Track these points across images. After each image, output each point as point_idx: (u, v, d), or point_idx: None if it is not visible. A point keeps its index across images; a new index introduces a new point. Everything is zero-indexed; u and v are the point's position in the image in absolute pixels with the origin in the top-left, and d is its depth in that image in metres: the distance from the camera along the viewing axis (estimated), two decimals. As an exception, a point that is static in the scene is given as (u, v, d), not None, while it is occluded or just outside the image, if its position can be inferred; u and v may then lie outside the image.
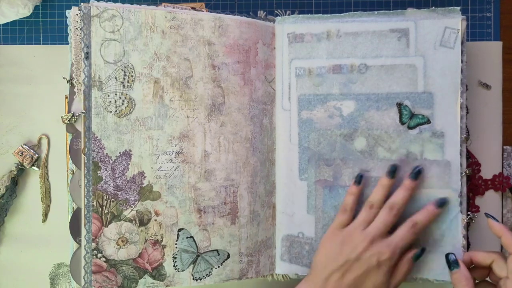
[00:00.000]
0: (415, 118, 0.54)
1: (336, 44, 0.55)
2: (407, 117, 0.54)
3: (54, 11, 0.63)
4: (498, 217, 0.61)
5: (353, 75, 0.55)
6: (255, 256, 0.56)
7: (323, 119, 0.56)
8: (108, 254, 0.52)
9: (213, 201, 0.54)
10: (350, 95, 0.55)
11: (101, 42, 0.52)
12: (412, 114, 0.54)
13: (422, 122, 0.54)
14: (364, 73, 0.55)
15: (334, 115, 0.55)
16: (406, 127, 0.54)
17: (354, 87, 0.55)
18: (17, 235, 0.61)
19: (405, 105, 0.54)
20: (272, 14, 0.58)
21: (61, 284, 0.61)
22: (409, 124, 0.54)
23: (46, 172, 0.61)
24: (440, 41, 0.54)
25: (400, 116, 0.54)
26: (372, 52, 0.55)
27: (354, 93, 0.55)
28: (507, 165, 0.61)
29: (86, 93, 0.52)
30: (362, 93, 0.55)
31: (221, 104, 0.54)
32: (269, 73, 0.57)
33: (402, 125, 0.54)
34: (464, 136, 0.55)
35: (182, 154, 0.53)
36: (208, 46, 0.54)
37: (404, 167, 0.54)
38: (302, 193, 0.56)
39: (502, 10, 0.62)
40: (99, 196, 0.52)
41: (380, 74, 0.55)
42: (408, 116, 0.54)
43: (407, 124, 0.54)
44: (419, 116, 0.54)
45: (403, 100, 0.54)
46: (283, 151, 0.57)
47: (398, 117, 0.54)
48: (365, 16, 0.55)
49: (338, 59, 0.55)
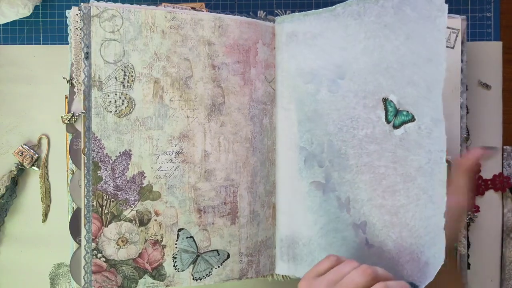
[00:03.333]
0: (399, 115, 0.49)
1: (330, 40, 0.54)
2: (392, 114, 0.49)
3: (54, 11, 0.63)
4: (498, 217, 0.61)
5: (342, 69, 0.52)
6: (255, 256, 0.56)
7: (315, 117, 0.54)
8: (108, 254, 0.52)
9: (213, 201, 0.54)
10: (337, 91, 0.52)
11: (101, 42, 0.52)
12: (397, 110, 0.49)
13: (406, 120, 0.48)
14: (355, 67, 0.52)
15: (323, 114, 0.54)
16: (392, 126, 0.49)
17: (342, 83, 0.52)
18: (17, 235, 0.61)
19: (390, 101, 0.49)
20: (272, 14, 0.58)
21: (61, 284, 0.61)
22: (394, 122, 0.49)
23: (46, 172, 0.61)
24: (440, 41, 0.54)
25: (386, 114, 0.50)
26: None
27: (342, 89, 0.52)
28: (507, 165, 0.61)
29: (86, 93, 0.52)
30: (351, 89, 0.52)
31: (221, 104, 0.54)
32: (269, 73, 0.57)
33: (388, 124, 0.49)
34: (464, 136, 0.55)
35: (182, 154, 0.54)
36: (208, 46, 0.54)
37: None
38: (301, 193, 0.56)
39: (502, 10, 0.62)
40: (99, 196, 0.52)
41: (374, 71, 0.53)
42: (393, 113, 0.49)
43: (392, 123, 0.49)
44: (404, 112, 0.48)
45: (389, 94, 0.49)
46: (283, 151, 0.57)
47: (384, 115, 0.50)
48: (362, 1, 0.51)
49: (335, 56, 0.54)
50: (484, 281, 0.61)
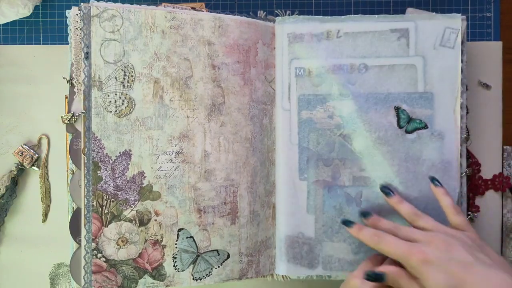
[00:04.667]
0: (412, 122, 0.54)
1: (335, 44, 0.55)
2: (404, 121, 0.54)
3: (54, 11, 0.63)
4: (498, 217, 0.61)
5: (352, 75, 0.55)
6: (255, 256, 0.56)
7: (323, 119, 0.56)
8: (108, 254, 0.52)
9: (213, 201, 0.54)
10: (349, 95, 0.55)
11: (101, 42, 0.52)
12: (410, 118, 0.54)
13: (419, 127, 0.54)
14: (363, 73, 0.55)
15: (334, 115, 0.55)
16: (404, 131, 0.54)
17: (353, 88, 0.55)
18: (17, 235, 0.61)
19: (403, 109, 0.54)
20: (272, 14, 0.58)
21: (61, 284, 0.61)
22: (406, 128, 0.54)
23: (46, 172, 0.61)
24: (440, 41, 0.54)
25: (398, 120, 0.54)
26: (372, 52, 0.55)
27: (353, 94, 0.55)
28: (507, 165, 0.61)
29: (86, 93, 0.52)
30: (361, 94, 0.55)
31: (221, 104, 0.54)
32: (269, 73, 0.57)
33: (400, 128, 0.54)
34: (464, 136, 0.55)
35: (182, 154, 0.54)
36: (208, 46, 0.54)
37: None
38: (302, 193, 0.56)
39: (502, 10, 0.62)
40: (99, 196, 0.52)
41: (379, 74, 0.55)
42: (405, 120, 0.54)
43: (405, 129, 0.54)
44: (417, 121, 0.54)
45: (401, 104, 0.54)
46: (283, 151, 0.57)
47: (396, 121, 0.55)
48: (365, 20, 0.55)
49: (337, 59, 0.55)
50: (484, 281, 0.61)
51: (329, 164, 0.56)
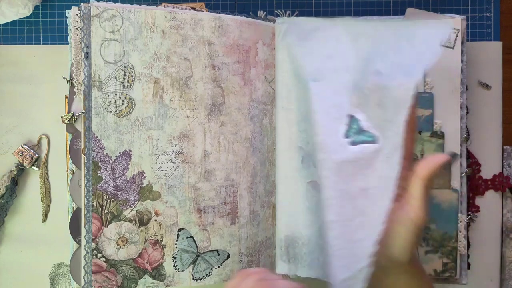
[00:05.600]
0: (362, 135, 0.47)
1: (335, 44, 0.55)
2: (353, 132, 0.48)
3: (54, 11, 0.63)
4: (498, 217, 0.61)
5: (351, 75, 0.54)
6: (255, 256, 0.56)
7: (308, 118, 0.54)
8: (108, 254, 0.52)
9: (213, 201, 0.54)
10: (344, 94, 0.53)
11: (101, 42, 0.52)
12: (361, 130, 0.48)
13: (366, 141, 0.47)
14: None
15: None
16: (349, 142, 0.47)
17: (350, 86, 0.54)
18: (17, 235, 0.61)
19: (357, 119, 0.48)
20: (272, 14, 0.58)
21: (61, 284, 0.61)
22: (354, 139, 0.47)
23: (46, 172, 0.61)
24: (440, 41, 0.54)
25: (346, 129, 0.48)
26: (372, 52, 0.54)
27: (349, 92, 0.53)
28: (507, 165, 0.61)
29: (86, 93, 0.52)
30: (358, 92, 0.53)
31: (221, 104, 0.54)
32: (269, 73, 0.57)
33: (345, 138, 0.48)
34: (464, 136, 0.55)
35: (182, 154, 0.54)
36: (208, 46, 0.54)
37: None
38: (301, 193, 0.56)
39: (502, 10, 0.62)
40: (99, 196, 0.52)
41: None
42: (355, 132, 0.48)
43: (351, 140, 0.47)
44: (367, 133, 0.47)
45: (355, 112, 0.48)
46: (283, 151, 0.57)
47: (345, 130, 0.48)
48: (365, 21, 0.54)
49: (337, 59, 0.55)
50: (484, 281, 0.61)
51: (316, 165, 0.53)
